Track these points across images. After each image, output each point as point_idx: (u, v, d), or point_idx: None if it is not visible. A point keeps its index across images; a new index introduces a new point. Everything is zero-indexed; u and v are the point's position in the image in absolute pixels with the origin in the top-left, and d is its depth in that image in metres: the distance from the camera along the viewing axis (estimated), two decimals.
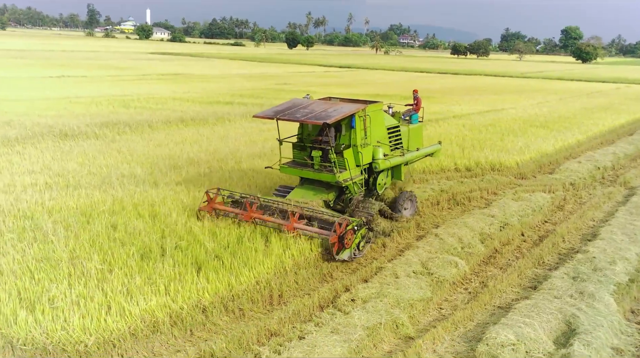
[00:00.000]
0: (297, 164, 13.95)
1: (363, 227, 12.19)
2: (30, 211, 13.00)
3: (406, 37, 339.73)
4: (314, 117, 12.49)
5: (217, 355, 8.35)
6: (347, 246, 11.73)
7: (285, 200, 13.15)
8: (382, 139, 14.24)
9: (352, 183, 13.54)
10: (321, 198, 13.63)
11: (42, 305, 8.74)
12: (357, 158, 13.48)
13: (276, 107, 13.76)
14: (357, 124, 13.16)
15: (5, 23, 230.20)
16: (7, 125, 23.91)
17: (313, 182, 14.01)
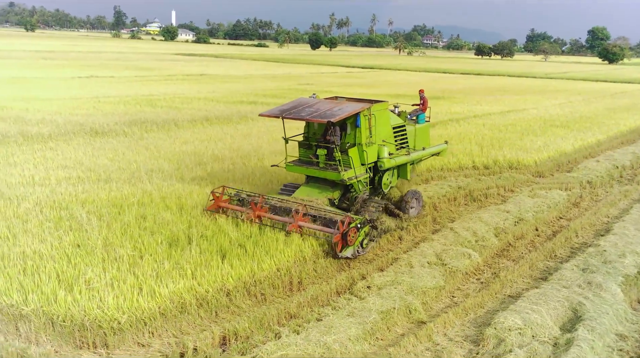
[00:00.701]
0: (302, 162, 14.12)
1: (366, 225, 12.26)
2: (65, 202, 13.76)
3: (430, 38, 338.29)
4: (319, 116, 12.64)
5: (240, 334, 8.97)
6: (350, 243, 11.83)
7: (289, 199, 13.40)
8: (387, 138, 14.37)
9: (356, 182, 13.66)
10: (326, 196, 13.76)
11: (79, 286, 9.43)
12: (362, 157, 13.62)
13: (282, 106, 13.95)
14: (362, 123, 13.29)
15: (35, 25, 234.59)
16: (40, 123, 24.89)
17: (319, 180, 14.14)
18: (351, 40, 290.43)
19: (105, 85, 44.96)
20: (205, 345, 8.59)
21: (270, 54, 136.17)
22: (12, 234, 11.58)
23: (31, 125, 24.17)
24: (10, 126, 23.71)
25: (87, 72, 56.37)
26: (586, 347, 8.56)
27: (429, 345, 9.03)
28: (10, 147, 19.99)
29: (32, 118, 26.20)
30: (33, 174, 16.39)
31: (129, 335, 8.76)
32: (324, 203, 13.38)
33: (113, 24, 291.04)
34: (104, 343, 8.60)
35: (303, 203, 12.90)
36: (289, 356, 8.27)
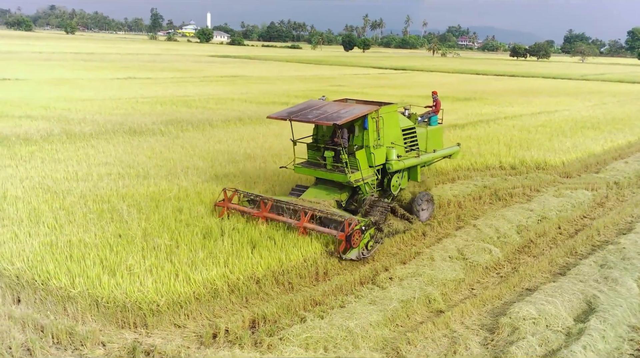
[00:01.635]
0: (311, 164, 14.22)
1: (372, 227, 12.26)
2: (107, 196, 14.65)
3: (465, 39, 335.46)
4: (325, 119, 12.69)
5: (269, 318, 9.62)
6: (355, 246, 11.80)
7: (296, 200, 13.46)
8: (396, 140, 14.37)
9: (363, 184, 13.69)
10: (333, 198, 13.82)
11: (121, 272, 10.21)
12: (369, 159, 13.67)
13: (291, 108, 14.07)
14: (369, 125, 13.33)
15: (75, 27, 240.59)
16: (82, 122, 26.06)
17: (327, 182, 14.20)
18: (384, 42, 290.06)
19: (142, 86, 46.33)
20: (236, 327, 9.26)
21: (303, 55, 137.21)
22: (59, 225, 12.47)
23: (74, 124, 25.34)
24: (54, 125, 24.92)
25: (125, 73, 58.00)
26: (597, 336, 8.96)
27: (446, 332, 9.54)
28: (55, 145, 21.09)
29: (74, 117, 27.43)
30: (77, 170, 17.36)
31: (167, 316, 9.49)
32: (331, 205, 13.40)
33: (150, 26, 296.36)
34: (144, 323, 9.34)
35: (309, 205, 12.94)
36: (313, 338, 8.88)
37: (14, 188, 15.02)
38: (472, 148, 23.43)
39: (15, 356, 8.29)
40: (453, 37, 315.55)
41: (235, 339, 9.00)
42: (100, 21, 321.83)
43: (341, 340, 8.92)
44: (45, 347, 8.59)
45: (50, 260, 10.57)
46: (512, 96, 49.17)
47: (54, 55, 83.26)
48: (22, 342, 8.55)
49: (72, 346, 8.73)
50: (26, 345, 8.53)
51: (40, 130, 23.43)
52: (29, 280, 10.06)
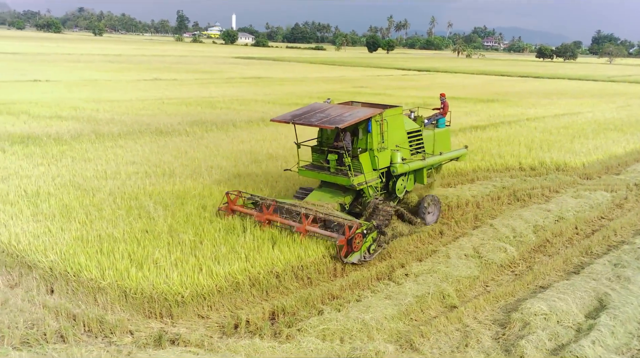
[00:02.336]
0: (315, 167, 14.22)
1: (374, 231, 12.23)
2: (135, 194, 15.23)
3: (490, 40, 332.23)
4: (328, 122, 12.69)
5: (288, 310, 10.05)
6: (356, 249, 11.81)
7: (299, 203, 13.41)
8: (401, 143, 14.30)
9: (367, 187, 13.64)
10: (337, 201, 13.78)
11: (148, 265, 10.73)
12: (373, 162, 13.62)
13: (295, 111, 14.06)
14: (373, 128, 13.31)
15: (102, 29, 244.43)
16: (110, 122, 26.83)
17: (331, 185, 14.15)
18: (409, 43, 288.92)
19: (168, 87, 47.20)
20: (256, 318, 9.70)
21: (327, 56, 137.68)
22: (89, 220, 13.07)
23: (102, 125, 26.11)
24: (84, 125, 25.71)
25: (152, 75, 59.06)
26: (606, 332, 9.21)
27: (459, 326, 9.87)
28: (84, 144, 21.82)
29: (102, 118, 28.23)
30: (105, 169, 18.01)
31: (191, 307, 9.98)
32: (334, 208, 13.39)
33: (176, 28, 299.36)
34: (169, 313, 9.84)
35: (312, 208, 12.94)
36: (330, 329, 9.29)
37: (46, 186, 15.69)
38: (492, 149, 23.59)
39: (49, 342, 8.83)
40: (478, 38, 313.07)
41: (256, 330, 9.45)
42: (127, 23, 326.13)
43: (357, 332, 9.31)
44: (77, 335, 9.12)
45: (82, 253, 11.14)
46: (535, 98, 48.97)
47: (82, 57, 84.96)
48: (56, 330, 9.09)
49: (102, 334, 9.25)
50: (59, 333, 9.07)
51: (71, 130, 24.22)
52: (62, 272, 10.64)
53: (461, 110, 37.57)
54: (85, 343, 8.95)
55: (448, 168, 20.19)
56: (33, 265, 10.95)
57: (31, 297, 10.02)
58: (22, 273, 10.87)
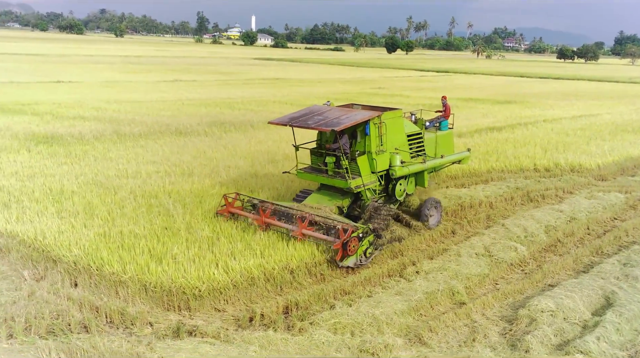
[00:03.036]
0: (313, 170, 14.25)
1: (370, 234, 12.18)
2: (154, 192, 15.70)
3: (511, 41, 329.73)
4: (325, 124, 12.69)
5: (301, 305, 10.42)
6: (351, 253, 11.74)
7: (297, 206, 13.42)
8: (401, 146, 14.23)
9: (364, 190, 13.57)
10: (335, 204, 13.74)
11: (167, 260, 11.16)
12: (371, 165, 13.58)
13: (293, 114, 14.12)
14: (371, 131, 13.26)
15: (124, 31, 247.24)
16: (132, 123, 27.44)
17: (330, 187, 14.12)
18: (428, 44, 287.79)
19: (188, 88, 47.89)
20: (270, 312, 10.09)
21: (345, 58, 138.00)
22: (111, 217, 13.55)
23: (124, 125, 26.72)
24: (106, 126, 26.35)
25: (172, 76, 59.87)
26: (611, 328, 9.43)
27: (467, 322, 10.15)
28: (106, 144, 22.40)
29: (124, 118, 28.87)
30: (127, 168, 18.53)
31: (208, 301, 10.39)
32: (332, 211, 13.39)
33: (196, 29, 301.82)
34: (187, 306, 10.26)
35: (309, 211, 12.98)
36: (341, 323, 9.64)
37: (70, 184, 16.23)
38: (507, 151, 23.72)
39: (73, 332, 9.28)
40: (499, 38, 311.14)
41: (270, 323, 9.83)
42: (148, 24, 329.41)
43: (367, 326, 9.64)
44: (100, 325, 9.57)
45: (104, 248, 11.61)
46: (554, 99, 48.80)
47: (104, 58, 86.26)
48: (80, 320, 9.54)
49: (123, 325, 9.69)
50: (83, 323, 9.52)
51: (93, 131, 24.85)
52: (85, 266, 11.11)
53: (478, 112, 37.68)
54: (107, 333, 9.38)
55: (462, 169, 20.40)
56: (58, 260, 11.43)
57: (56, 289, 10.48)
58: (47, 267, 11.35)
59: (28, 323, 9.28)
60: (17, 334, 9.01)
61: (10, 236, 12.51)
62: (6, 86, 42.28)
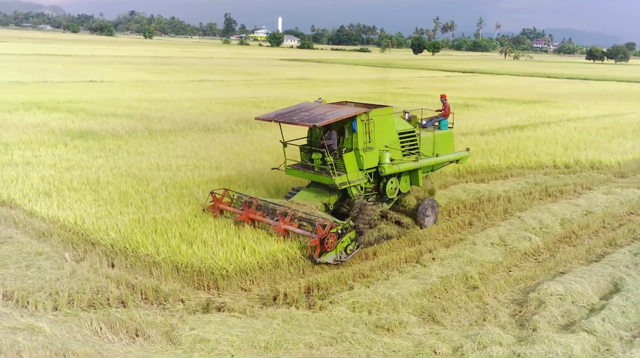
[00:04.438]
0: (302, 166, 14.18)
1: (352, 231, 12.17)
2: (184, 183, 16.54)
3: (540, 42, 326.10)
4: (308, 120, 12.65)
5: (321, 286, 11.11)
6: (329, 249, 11.70)
7: (285, 203, 13.44)
8: (391, 144, 14.00)
9: (350, 187, 13.41)
10: (321, 201, 13.69)
11: (197, 243, 11.93)
12: (359, 162, 13.38)
13: (281, 110, 14.20)
14: (358, 128, 13.12)
15: (153, 32, 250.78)
16: (162, 120, 28.45)
17: (319, 184, 14.05)
18: (455, 45, 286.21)
19: (215, 88, 48.94)
20: (293, 291, 10.78)
21: (371, 58, 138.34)
22: (144, 205, 14.40)
23: (154, 122, 27.73)
24: (137, 122, 27.38)
25: (200, 76, 61.06)
26: (617, 311, 9.91)
27: (479, 304, 10.72)
28: (138, 140, 23.38)
29: (154, 116, 29.90)
30: (158, 161, 19.42)
31: (235, 281, 11.13)
32: (317, 208, 13.30)
33: (223, 31, 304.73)
34: (216, 286, 11.01)
35: (295, 207, 12.94)
36: (359, 302, 10.29)
37: (105, 175, 17.15)
38: (528, 148, 24.10)
39: (112, 306, 10.08)
40: (528, 39, 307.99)
41: (292, 301, 10.53)
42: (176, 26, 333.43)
43: (383, 305, 10.27)
44: (136, 301, 10.36)
45: (139, 232, 12.43)
46: (579, 99, 48.69)
47: (133, 59, 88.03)
48: (117, 296, 10.34)
49: (157, 301, 10.46)
50: (120, 299, 10.31)
51: (125, 127, 25.88)
52: (121, 249, 11.95)
53: (502, 111, 37.96)
54: (142, 308, 10.16)
55: (482, 165, 20.93)
56: (96, 243, 12.29)
57: (95, 269, 11.34)
58: (86, 249, 12.21)
59: (71, 297, 10.11)
60: (61, 307, 9.84)
61: (52, 221, 13.43)
62: (42, 85, 43.82)
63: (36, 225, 13.30)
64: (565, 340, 8.70)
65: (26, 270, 11.14)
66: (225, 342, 8.64)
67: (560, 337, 8.86)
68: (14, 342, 8.16)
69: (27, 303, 9.83)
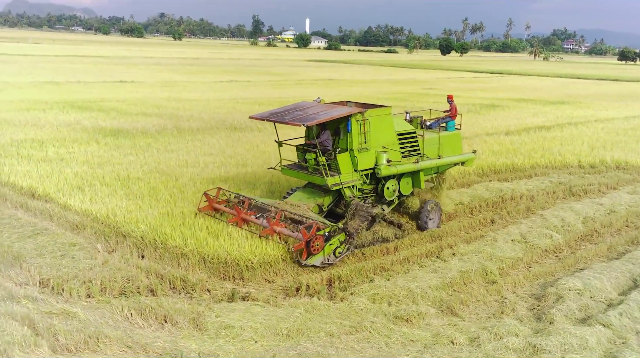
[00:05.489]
0: (297, 166, 13.94)
1: (341, 233, 11.96)
2: (212, 179, 17.01)
3: (571, 42, 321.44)
4: (299, 120, 12.33)
5: (343, 278, 11.41)
6: (315, 252, 11.51)
7: (278, 203, 13.28)
8: (390, 145, 13.61)
9: (343, 188, 13.07)
10: (315, 202, 13.49)
11: (224, 236, 12.34)
12: (353, 162, 13.08)
13: (276, 109, 13.96)
14: (353, 128, 12.82)
15: (182, 34, 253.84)
16: (190, 119, 29.08)
17: (314, 185, 13.83)
18: (484, 45, 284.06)
19: (242, 88, 49.59)
20: (315, 283, 11.11)
21: (398, 59, 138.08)
22: (173, 200, 14.89)
23: (183, 121, 28.37)
24: (166, 121, 28.04)
25: (227, 77, 61.85)
26: (635, 306, 10.02)
27: (497, 298, 10.92)
28: (167, 138, 23.99)
29: (183, 115, 30.57)
30: (186, 159, 19.95)
31: (259, 272, 11.50)
32: (310, 209, 13.13)
33: (251, 32, 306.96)
34: (241, 276, 11.40)
35: (288, 208, 12.87)
36: (379, 294, 10.57)
37: (135, 171, 17.72)
38: (553, 148, 24.08)
39: (142, 294, 10.53)
40: (558, 40, 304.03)
41: (314, 292, 10.86)
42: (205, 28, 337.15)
43: (403, 298, 10.53)
44: (165, 290, 10.80)
45: (167, 225, 12.89)
46: (608, 100, 48.13)
47: (163, 60, 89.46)
48: (147, 285, 10.79)
49: (184, 290, 10.88)
50: (150, 287, 10.76)
51: (155, 125, 26.54)
52: (151, 241, 12.41)
53: (528, 112, 37.80)
54: (171, 296, 10.60)
55: (505, 164, 21.01)
56: (127, 235, 12.78)
57: (126, 259, 11.82)
58: (118, 241, 12.71)
59: (103, 285, 10.59)
60: (94, 294, 10.33)
61: (85, 214, 13.98)
62: (75, 85, 44.98)
63: (70, 218, 13.85)
64: (581, 333, 8.86)
65: (61, 260, 11.67)
66: (249, 329, 9.01)
67: (576, 329, 9.02)
68: (50, 325, 8.63)
69: (62, 290, 10.33)
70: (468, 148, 22.54)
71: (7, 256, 11.66)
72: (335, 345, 8.85)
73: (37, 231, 13.21)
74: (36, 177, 16.77)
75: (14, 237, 12.78)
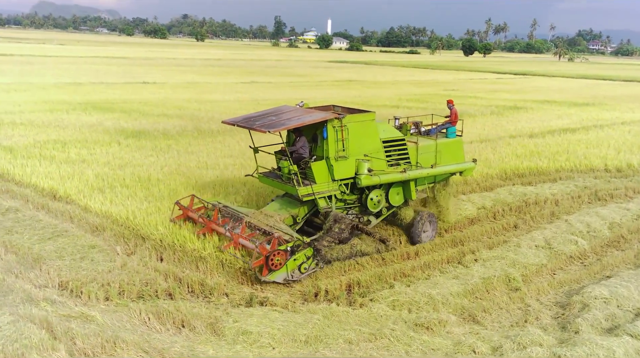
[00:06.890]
0: (273, 174, 13.22)
1: (307, 248, 11.20)
2: (231, 182, 16.97)
3: (596, 43, 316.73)
4: (269, 126, 11.75)
5: (362, 284, 11.25)
6: (275, 268, 10.74)
7: (253, 213, 12.68)
8: (373, 153, 12.68)
9: (316, 199, 12.17)
10: (289, 212, 12.70)
11: None
12: (330, 171, 12.26)
13: (251, 114, 13.29)
14: (329, 135, 12.00)
15: (204, 35, 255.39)
16: (210, 120, 29.13)
17: (292, 194, 12.86)
18: (508, 46, 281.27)
19: (264, 89, 49.62)
20: (334, 288, 10.96)
21: (420, 60, 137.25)
22: None
23: (203, 122, 28.43)
24: (187, 123, 28.13)
25: (249, 78, 61.99)
26: None
27: (521, 306, 10.67)
28: (188, 139, 24.05)
29: (203, 116, 30.65)
30: (206, 160, 19.95)
31: None
32: (283, 220, 12.38)
33: (273, 33, 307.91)
34: (259, 281, 11.23)
35: (260, 218, 12.32)
36: (399, 301, 10.39)
37: (155, 173, 17.76)
38: (578, 151, 23.64)
39: (160, 298, 10.48)
40: (583, 41, 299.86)
41: (333, 298, 10.72)
42: (227, 29, 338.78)
43: (423, 304, 10.34)
44: (183, 293, 10.74)
45: (186, 228, 12.84)
46: (635, 102, 47.21)
47: (185, 61, 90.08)
48: (165, 288, 10.74)
49: (202, 294, 10.81)
50: (168, 291, 10.71)
51: (176, 127, 26.64)
52: (170, 243, 12.38)
53: (553, 113, 37.23)
54: (189, 300, 10.53)
55: (529, 167, 20.67)
56: (146, 237, 12.77)
57: (145, 262, 11.78)
58: (137, 243, 12.70)
59: (121, 288, 10.56)
60: (112, 297, 10.31)
61: (105, 216, 14.02)
62: (97, 86, 45.42)
63: (90, 220, 13.89)
64: (608, 343, 8.60)
65: (80, 262, 11.68)
66: (267, 335, 8.90)
67: (603, 340, 8.75)
68: (68, 329, 8.62)
69: (80, 293, 10.32)
70: (491, 151, 22.36)
71: (27, 258, 11.71)
72: (354, 352, 8.70)
73: (57, 233, 13.25)
74: (57, 178, 16.89)
75: (35, 239, 12.83)
